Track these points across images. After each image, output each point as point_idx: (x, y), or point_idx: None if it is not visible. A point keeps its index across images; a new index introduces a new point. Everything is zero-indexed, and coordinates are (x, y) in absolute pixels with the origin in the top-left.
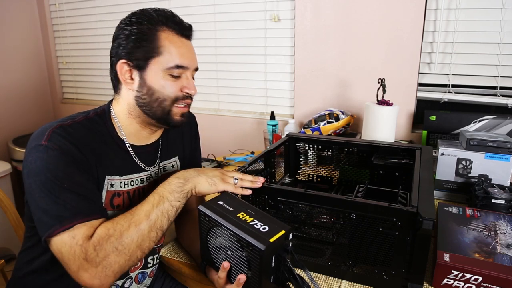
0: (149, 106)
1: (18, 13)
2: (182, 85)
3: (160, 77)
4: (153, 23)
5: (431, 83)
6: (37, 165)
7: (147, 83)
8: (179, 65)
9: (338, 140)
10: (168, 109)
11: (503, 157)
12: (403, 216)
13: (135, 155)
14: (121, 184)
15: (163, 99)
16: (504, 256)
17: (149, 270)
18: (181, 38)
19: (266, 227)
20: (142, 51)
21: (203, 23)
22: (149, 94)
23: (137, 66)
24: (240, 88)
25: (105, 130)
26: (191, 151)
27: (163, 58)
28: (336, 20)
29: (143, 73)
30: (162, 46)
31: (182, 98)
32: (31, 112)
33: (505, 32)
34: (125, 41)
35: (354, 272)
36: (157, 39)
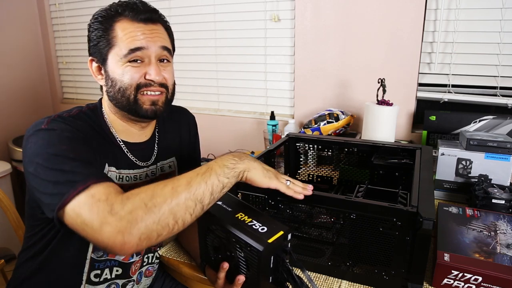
0: (116, 99)
1: (18, 13)
2: (145, 71)
3: (118, 66)
4: (110, 16)
5: (431, 83)
6: (39, 145)
7: (110, 75)
8: (132, 48)
9: (338, 140)
10: (133, 98)
11: (503, 157)
12: (403, 216)
13: (129, 151)
14: (117, 177)
15: (125, 88)
16: (504, 256)
17: (144, 268)
18: (135, 23)
19: (264, 227)
20: (102, 45)
21: (203, 23)
22: (113, 86)
23: (100, 61)
24: (240, 88)
25: (98, 125)
26: (189, 151)
27: (117, 48)
28: (336, 20)
29: (106, 66)
30: (115, 36)
31: (144, 85)
32: (31, 112)
33: (505, 32)
34: (88, 41)
35: (354, 272)
36: (112, 30)
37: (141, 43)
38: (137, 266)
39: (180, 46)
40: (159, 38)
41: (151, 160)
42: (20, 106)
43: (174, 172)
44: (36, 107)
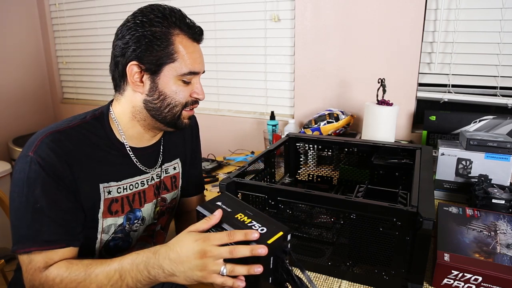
0: (159, 111)
1: (18, 13)
2: (192, 90)
3: (172, 82)
4: (166, 25)
5: (431, 83)
6: (20, 177)
7: (159, 88)
8: (192, 72)
9: (338, 140)
10: (178, 114)
11: (503, 157)
12: (403, 216)
13: (136, 158)
14: (119, 189)
15: (174, 105)
16: (504, 256)
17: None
18: (194, 43)
19: (264, 228)
20: (155, 56)
21: (203, 23)
22: (161, 100)
23: (149, 70)
24: (240, 88)
25: (103, 134)
26: (192, 153)
27: (177, 64)
28: (336, 20)
29: (156, 78)
30: (177, 52)
31: (191, 103)
32: (31, 112)
33: (505, 32)
34: (136, 43)
35: (354, 272)
36: (172, 44)
37: (199, 68)
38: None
39: None
40: (203, 62)
41: (157, 164)
42: (20, 106)
43: (178, 173)
44: (36, 107)
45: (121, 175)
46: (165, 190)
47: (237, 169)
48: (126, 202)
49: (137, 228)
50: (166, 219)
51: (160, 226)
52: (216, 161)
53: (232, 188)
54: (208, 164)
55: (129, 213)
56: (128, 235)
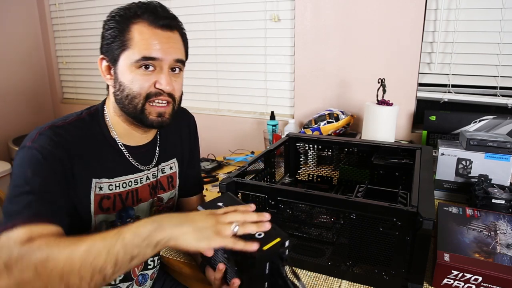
0: (122, 104)
1: (18, 13)
2: (155, 79)
3: (129, 71)
4: (128, 16)
5: (431, 83)
6: (18, 163)
7: (119, 78)
8: (146, 57)
9: (338, 140)
10: (140, 107)
11: (503, 157)
12: (403, 216)
13: (130, 155)
14: (110, 186)
15: (133, 96)
16: (504, 256)
17: (150, 272)
18: (154, 29)
19: (262, 233)
20: (115, 45)
21: (203, 23)
22: (121, 90)
23: (111, 61)
24: (240, 88)
25: (98, 130)
26: (190, 153)
27: (131, 51)
28: (336, 20)
29: (116, 68)
30: (131, 39)
31: (155, 95)
32: (31, 112)
33: (505, 32)
34: (103, 37)
35: (354, 272)
36: (128, 31)
37: (155, 53)
38: (139, 268)
39: None
40: (174, 50)
41: (152, 163)
42: (20, 106)
43: (175, 173)
44: (36, 107)
45: (114, 172)
46: (162, 189)
47: (237, 169)
48: (118, 199)
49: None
50: None
51: None
52: (216, 161)
53: (232, 188)
54: (208, 164)
55: (121, 211)
56: None
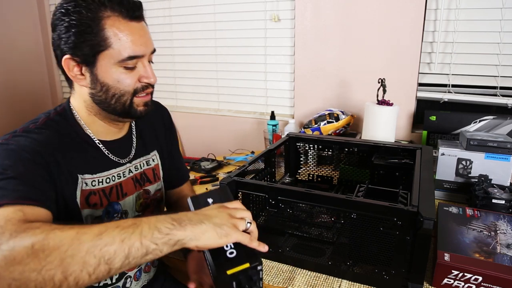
0: (107, 103)
1: (18, 13)
2: (139, 74)
3: (112, 71)
4: (94, 9)
5: (431, 83)
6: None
7: (100, 79)
8: (132, 56)
9: (338, 140)
10: (129, 103)
11: (503, 157)
12: (404, 216)
13: (108, 150)
14: (93, 182)
15: (121, 95)
16: (504, 256)
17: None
18: (129, 22)
19: (234, 252)
20: (87, 45)
21: (203, 23)
22: (104, 91)
23: (84, 61)
24: (240, 88)
25: (70, 129)
26: (167, 145)
27: (112, 51)
28: (336, 20)
29: (93, 69)
30: (109, 38)
31: (141, 89)
32: (31, 112)
33: (505, 32)
34: (65, 34)
35: (354, 271)
36: (102, 29)
37: (140, 51)
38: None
39: (180, 46)
40: (150, 42)
41: (131, 155)
42: (20, 106)
43: (158, 165)
44: (36, 107)
45: (95, 168)
46: (148, 182)
47: (238, 168)
48: (103, 195)
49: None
50: (152, 211)
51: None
52: (216, 161)
53: (232, 187)
54: (208, 164)
55: (108, 207)
56: None
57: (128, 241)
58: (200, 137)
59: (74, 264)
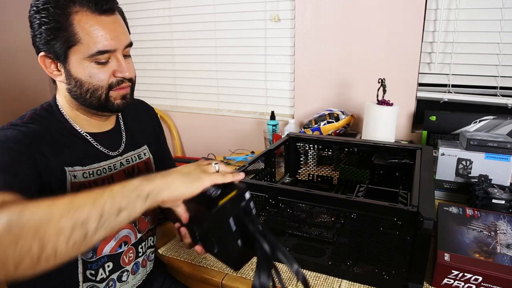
0: (82, 98)
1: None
2: (113, 69)
3: (84, 66)
4: (62, 5)
5: (431, 83)
6: None
7: (73, 75)
8: (102, 50)
9: (338, 140)
10: (104, 97)
11: (503, 157)
12: (404, 216)
13: (97, 142)
14: (84, 174)
15: (94, 89)
16: (504, 256)
17: (140, 259)
18: (98, 16)
19: (219, 191)
20: (58, 42)
21: (203, 23)
22: (78, 86)
23: (57, 58)
24: (240, 88)
25: (57, 123)
26: (157, 143)
27: (82, 46)
28: (336, 20)
29: (66, 65)
30: (77, 33)
31: (116, 84)
32: None
33: (505, 32)
34: (38, 31)
35: (354, 271)
36: (71, 24)
37: (110, 45)
38: (130, 256)
39: (180, 46)
40: (123, 35)
41: (120, 148)
42: (20, 106)
43: (149, 159)
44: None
45: (86, 160)
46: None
47: (238, 168)
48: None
49: None
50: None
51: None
52: None
53: None
54: None
55: None
56: None
57: (99, 200)
58: (200, 137)
59: (50, 231)
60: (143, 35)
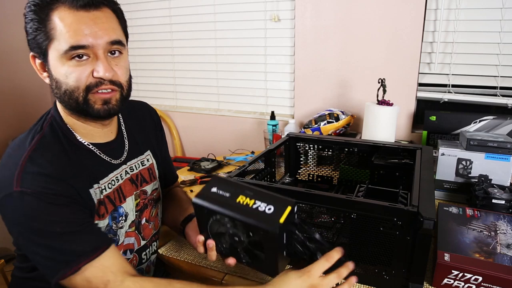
0: (62, 100)
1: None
2: (92, 68)
3: (61, 64)
4: (45, 3)
5: (431, 83)
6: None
7: (52, 74)
8: (74, 46)
9: (338, 140)
10: (82, 100)
11: (503, 157)
12: (404, 216)
13: (102, 153)
14: (103, 191)
15: (71, 91)
16: (504, 256)
17: (144, 265)
18: (76, 11)
19: (271, 207)
20: (40, 39)
21: (203, 23)
22: (57, 87)
23: (40, 57)
24: (240, 88)
25: (65, 140)
26: (158, 146)
27: (57, 42)
28: (336, 20)
29: (47, 64)
30: (53, 28)
31: (96, 85)
32: (31, 112)
33: (505, 32)
34: (26, 32)
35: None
36: (49, 20)
37: (84, 40)
38: (133, 263)
39: (180, 46)
40: (106, 31)
41: (123, 156)
42: (20, 106)
43: (153, 164)
44: (36, 107)
45: (98, 175)
46: (145, 182)
47: (238, 168)
48: (108, 201)
49: (122, 225)
50: (149, 211)
51: (144, 219)
52: (216, 161)
53: None
54: (208, 164)
55: (113, 212)
56: (115, 234)
57: None
58: (200, 137)
59: None
60: (143, 35)
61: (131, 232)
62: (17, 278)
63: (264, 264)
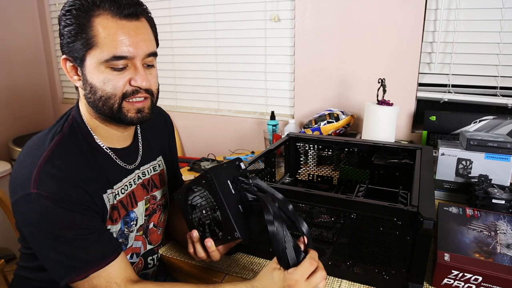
0: (96, 106)
1: (18, 13)
2: (129, 77)
3: (99, 71)
4: (86, 8)
5: (431, 83)
6: (33, 216)
7: (88, 80)
8: (117, 56)
9: (338, 140)
10: (117, 107)
11: (503, 157)
12: (404, 216)
13: (118, 158)
14: (116, 196)
15: (108, 97)
16: (504, 256)
17: (150, 270)
18: (119, 20)
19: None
20: (78, 44)
21: (203, 23)
22: (92, 93)
23: (76, 61)
24: (240, 88)
25: (84, 142)
26: (170, 151)
27: (98, 50)
28: (336, 20)
29: (83, 69)
30: (95, 36)
31: (131, 93)
32: (31, 112)
33: (505, 32)
34: (62, 35)
35: (354, 271)
36: (91, 27)
37: (127, 51)
38: (139, 267)
39: (180, 46)
40: (145, 43)
41: (137, 161)
42: (20, 106)
43: (163, 170)
44: (36, 107)
45: (113, 180)
46: (155, 187)
47: None
48: (121, 206)
49: (133, 229)
50: (158, 216)
51: (152, 224)
52: (216, 161)
53: None
54: (208, 164)
55: (125, 217)
56: (126, 238)
57: None
58: (200, 137)
59: None
60: None
61: (139, 236)
62: (19, 277)
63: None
